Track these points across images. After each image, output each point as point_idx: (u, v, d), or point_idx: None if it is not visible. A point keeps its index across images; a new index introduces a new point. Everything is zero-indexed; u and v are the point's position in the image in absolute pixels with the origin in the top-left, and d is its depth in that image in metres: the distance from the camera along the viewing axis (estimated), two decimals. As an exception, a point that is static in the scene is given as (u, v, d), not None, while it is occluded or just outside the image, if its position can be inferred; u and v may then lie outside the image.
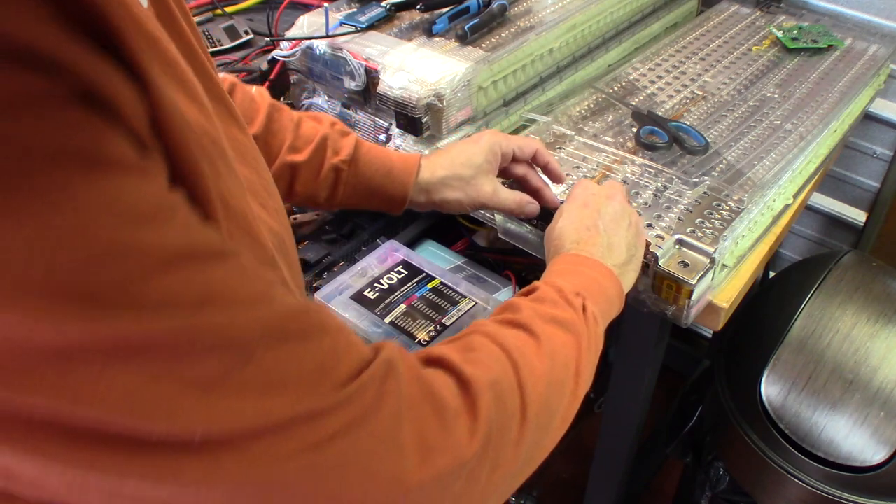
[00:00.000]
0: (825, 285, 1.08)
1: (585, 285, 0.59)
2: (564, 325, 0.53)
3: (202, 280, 0.31)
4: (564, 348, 0.52)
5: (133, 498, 0.31)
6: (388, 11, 0.97)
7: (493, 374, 0.45)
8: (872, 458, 0.93)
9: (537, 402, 0.48)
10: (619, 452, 1.13)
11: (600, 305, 0.58)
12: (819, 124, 0.96)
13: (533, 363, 0.49)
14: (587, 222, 0.65)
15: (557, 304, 0.55)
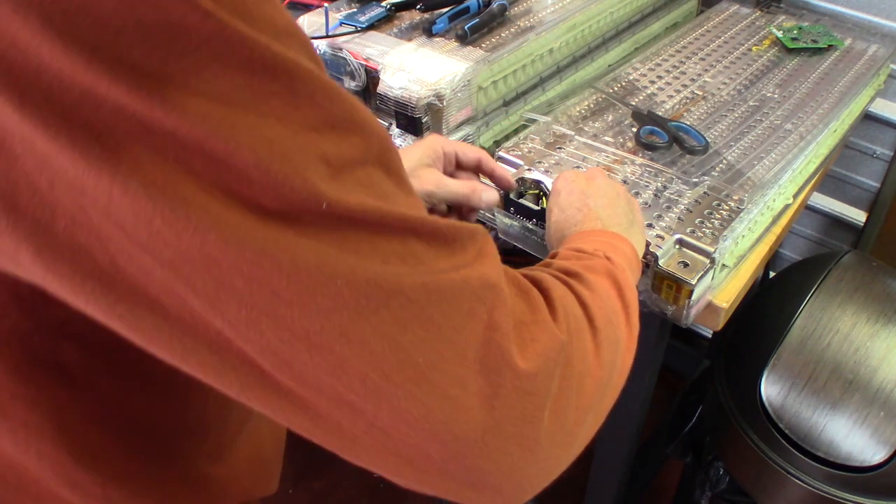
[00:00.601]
0: (825, 285, 1.08)
1: (603, 247, 0.58)
2: (596, 270, 0.53)
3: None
4: (605, 286, 0.52)
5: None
6: (388, 11, 0.97)
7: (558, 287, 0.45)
8: (872, 458, 0.93)
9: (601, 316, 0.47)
10: (619, 452, 1.13)
11: (621, 259, 0.58)
12: (819, 124, 0.96)
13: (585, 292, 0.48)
14: (577, 205, 0.65)
15: (582, 258, 0.55)
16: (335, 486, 1.69)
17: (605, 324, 0.48)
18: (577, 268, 0.52)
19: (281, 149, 0.30)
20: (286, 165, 0.30)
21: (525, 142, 0.90)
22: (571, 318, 0.44)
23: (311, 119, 0.31)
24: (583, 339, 0.44)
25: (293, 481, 1.69)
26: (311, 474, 1.71)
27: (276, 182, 0.30)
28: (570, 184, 0.68)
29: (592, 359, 0.45)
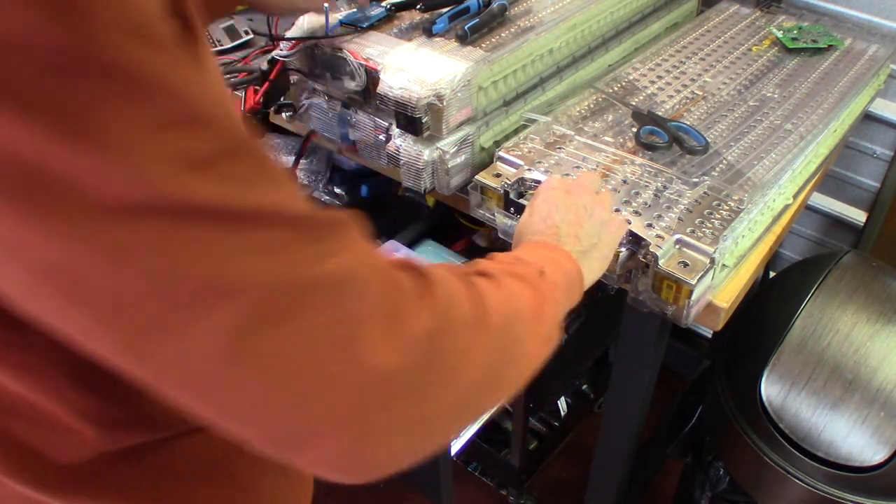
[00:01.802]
0: (825, 285, 1.08)
1: (543, 260, 0.60)
2: (521, 277, 0.54)
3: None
4: (522, 293, 0.52)
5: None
6: (388, 11, 0.97)
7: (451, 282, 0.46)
8: (872, 458, 0.93)
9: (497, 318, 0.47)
10: (619, 452, 1.13)
11: (561, 285, 0.59)
12: (819, 124, 0.96)
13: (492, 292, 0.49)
14: (544, 215, 0.67)
15: (515, 265, 0.56)
16: (335, 486, 1.68)
17: (502, 326, 0.48)
18: (495, 271, 0.53)
19: (125, 149, 0.30)
20: (130, 166, 0.30)
21: (525, 142, 0.90)
22: (455, 312, 0.44)
23: (155, 118, 0.31)
24: (463, 336, 0.44)
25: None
26: (311, 474, 1.71)
27: (122, 182, 0.30)
28: (549, 191, 0.70)
29: (474, 358, 0.44)
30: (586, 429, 1.77)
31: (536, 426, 1.67)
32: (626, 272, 0.78)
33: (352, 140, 0.98)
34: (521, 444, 1.47)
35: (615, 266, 0.77)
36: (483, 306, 0.46)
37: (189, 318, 0.33)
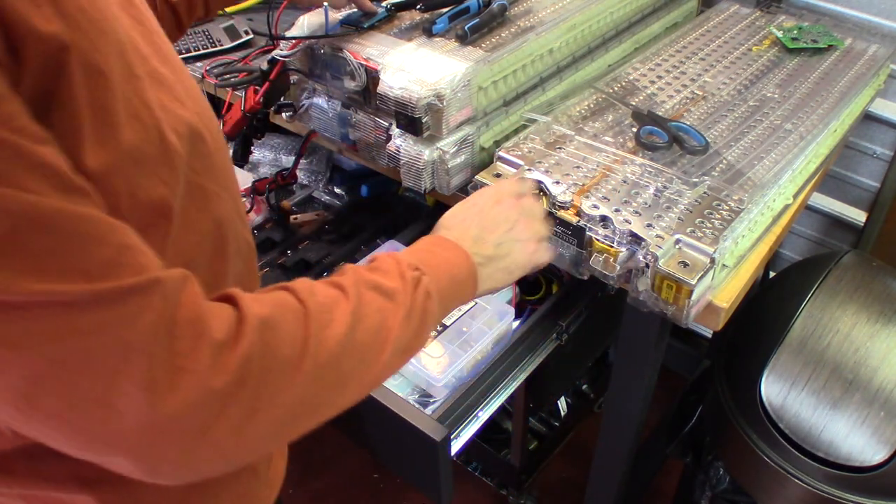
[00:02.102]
0: (825, 285, 1.08)
1: (431, 263, 0.61)
2: (386, 293, 0.56)
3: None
4: (377, 314, 0.54)
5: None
6: (388, 11, 0.97)
7: (273, 319, 0.48)
8: (872, 458, 0.93)
9: (323, 357, 0.50)
10: (619, 452, 1.13)
11: (442, 283, 0.61)
12: (819, 124, 0.96)
13: (331, 320, 0.51)
14: (463, 216, 0.69)
15: (388, 274, 0.58)
16: (335, 486, 1.69)
17: (326, 365, 0.50)
18: (360, 290, 0.55)
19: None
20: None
21: (525, 142, 0.90)
22: (262, 355, 0.46)
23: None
24: (269, 379, 0.47)
25: (293, 481, 1.69)
26: (311, 474, 1.71)
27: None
28: (480, 195, 0.72)
29: (275, 396, 0.47)
30: (586, 429, 1.77)
31: (536, 426, 1.67)
32: (626, 272, 0.78)
33: (352, 140, 0.98)
34: (521, 444, 1.47)
35: (615, 266, 0.77)
36: (304, 346, 0.49)
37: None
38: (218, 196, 0.56)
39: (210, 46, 1.25)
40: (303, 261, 1.12)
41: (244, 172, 1.27)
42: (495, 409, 0.91)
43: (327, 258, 1.13)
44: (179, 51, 1.23)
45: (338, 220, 1.21)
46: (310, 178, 1.34)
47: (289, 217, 1.20)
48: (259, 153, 1.39)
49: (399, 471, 1.07)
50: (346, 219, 1.22)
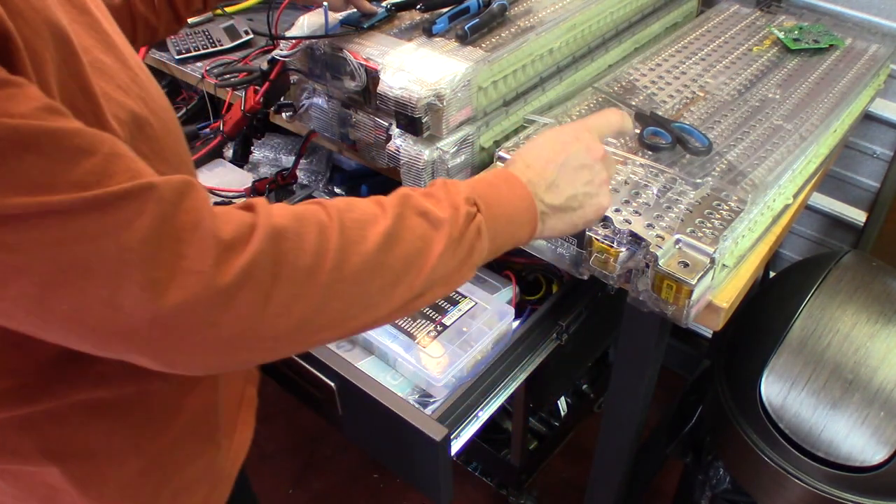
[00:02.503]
0: (825, 285, 1.08)
1: (492, 200, 0.59)
2: (433, 221, 0.55)
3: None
4: (419, 240, 0.54)
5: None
6: (388, 11, 0.97)
7: (292, 229, 0.49)
8: (872, 458, 0.93)
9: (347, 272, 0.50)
10: (619, 452, 1.13)
11: (498, 223, 0.59)
12: (819, 124, 0.96)
13: (363, 238, 0.51)
14: (548, 155, 0.65)
15: (440, 203, 0.56)
16: (335, 487, 1.69)
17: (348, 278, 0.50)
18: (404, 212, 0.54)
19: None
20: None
21: (525, 142, 0.90)
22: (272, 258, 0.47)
23: None
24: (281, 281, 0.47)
25: (293, 481, 1.69)
26: (310, 474, 1.71)
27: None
28: (571, 135, 0.67)
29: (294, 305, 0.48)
30: (586, 429, 1.77)
31: (536, 426, 1.67)
32: (626, 272, 0.78)
33: (352, 140, 0.98)
34: (521, 444, 1.47)
35: (615, 266, 0.77)
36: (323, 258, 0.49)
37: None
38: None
39: (210, 46, 1.25)
40: (303, 261, 1.12)
41: (244, 172, 1.27)
42: (495, 409, 0.91)
43: (327, 258, 1.13)
44: (179, 51, 1.23)
45: (338, 220, 1.21)
46: (310, 178, 1.33)
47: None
48: (259, 153, 1.39)
49: (399, 471, 1.07)
50: (346, 219, 1.22)
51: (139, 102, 0.55)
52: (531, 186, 0.62)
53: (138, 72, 0.58)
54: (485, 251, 0.59)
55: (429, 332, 0.94)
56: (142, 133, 0.54)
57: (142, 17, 0.82)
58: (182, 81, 1.34)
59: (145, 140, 0.55)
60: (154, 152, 0.55)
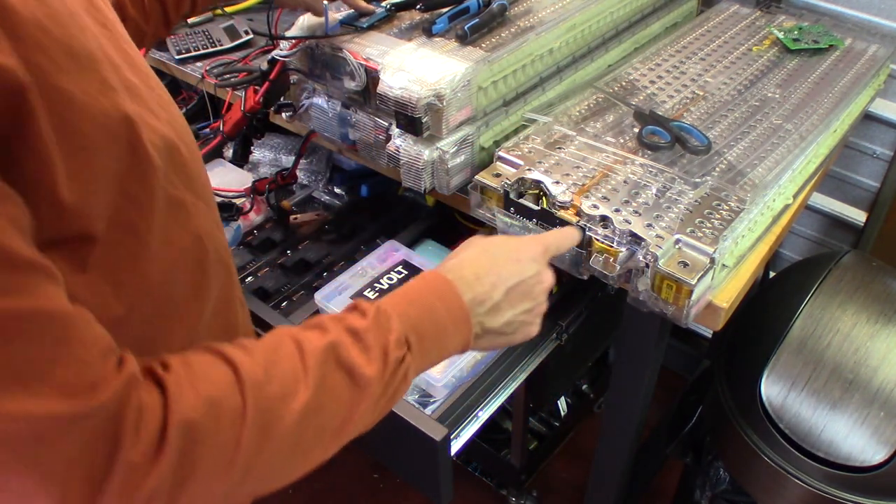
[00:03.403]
0: (825, 285, 1.08)
1: (425, 329, 0.56)
2: (358, 381, 0.52)
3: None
4: (339, 406, 0.51)
5: None
6: (388, 11, 0.97)
7: (202, 428, 0.45)
8: (872, 458, 0.93)
9: (258, 463, 0.47)
10: (619, 452, 1.13)
11: (428, 354, 0.57)
12: (819, 124, 0.96)
13: (278, 419, 0.48)
14: (500, 272, 0.61)
15: (370, 353, 0.52)
16: (335, 487, 1.69)
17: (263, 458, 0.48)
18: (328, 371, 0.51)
19: None
20: None
21: (525, 142, 0.90)
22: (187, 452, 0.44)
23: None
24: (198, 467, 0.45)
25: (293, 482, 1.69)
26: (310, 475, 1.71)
27: None
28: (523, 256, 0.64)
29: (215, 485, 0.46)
30: (586, 429, 1.77)
31: (536, 426, 1.67)
32: (626, 272, 0.78)
33: (352, 140, 0.98)
34: (521, 444, 1.47)
35: (615, 266, 0.77)
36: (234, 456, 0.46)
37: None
38: (196, 208, 0.54)
39: (210, 46, 1.25)
40: (303, 261, 1.12)
41: (244, 172, 1.27)
42: (495, 409, 0.91)
43: (327, 258, 1.13)
44: (179, 51, 1.23)
45: (338, 220, 1.21)
46: (310, 178, 1.34)
47: (289, 217, 1.20)
48: (259, 153, 1.39)
49: (399, 471, 1.07)
50: (346, 219, 1.22)
51: (168, 126, 0.51)
52: (472, 305, 0.59)
53: (160, 90, 0.54)
54: (407, 387, 0.57)
55: (429, 332, 0.94)
56: (172, 160, 0.51)
57: (132, 21, 0.79)
58: (182, 81, 1.34)
59: (176, 168, 0.51)
60: (183, 181, 0.52)
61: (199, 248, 0.55)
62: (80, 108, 0.42)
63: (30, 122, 0.39)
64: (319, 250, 1.14)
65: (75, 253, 0.44)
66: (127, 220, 0.47)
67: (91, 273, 0.45)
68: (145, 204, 0.48)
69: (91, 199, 0.43)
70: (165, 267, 0.51)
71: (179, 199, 0.52)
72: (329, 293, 0.97)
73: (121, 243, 0.47)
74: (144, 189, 0.48)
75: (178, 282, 0.53)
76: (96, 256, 0.45)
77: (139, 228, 0.48)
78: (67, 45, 0.42)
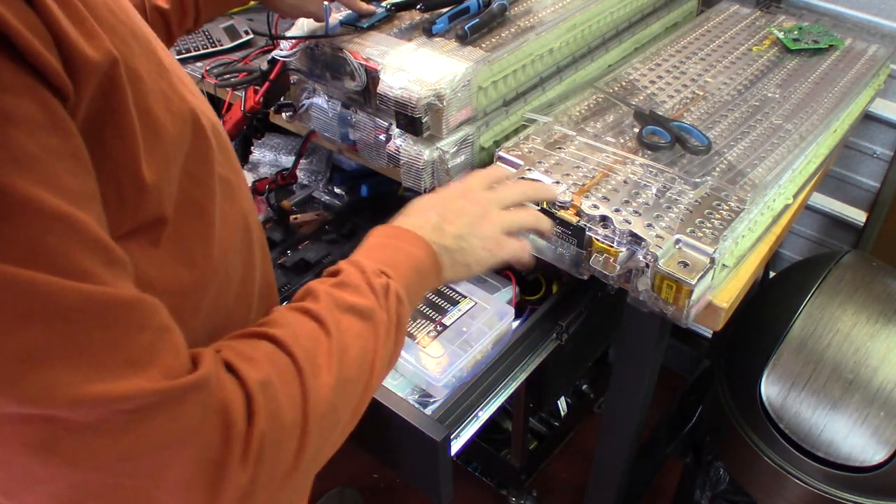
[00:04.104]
0: (825, 285, 1.08)
1: (394, 261, 0.59)
2: (362, 313, 0.54)
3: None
4: (359, 340, 0.53)
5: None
6: (388, 11, 0.97)
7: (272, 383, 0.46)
8: (872, 458, 0.93)
9: (322, 407, 0.48)
10: (619, 452, 1.13)
11: (408, 278, 0.59)
12: (819, 124, 0.96)
13: (320, 366, 0.49)
14: (425, 204, 0.67)
15: (359, 290, 0.55)
16: (335, 487, 1.69)
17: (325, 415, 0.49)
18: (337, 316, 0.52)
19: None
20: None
21: (525, 142, 0.90)
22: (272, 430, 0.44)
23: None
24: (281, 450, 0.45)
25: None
26: (311, 474, 1.71)
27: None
28: (444, 189, 0.69)
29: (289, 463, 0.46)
30: (586, 429, 1.77)
31: (536, 426, 1.67)
32: (626, 272, 0.78)
33: (352, 140, 0.98)
34: (521, 444, 1.47)
35: (615, 266, 0.77)
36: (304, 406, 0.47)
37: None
38: (240, 187, 0.56)
39: (210, 46, 1.25)
40: (303, 261, 1.12)
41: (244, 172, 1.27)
42: (495, 409, 0.91)
43: (327, 258, 1.13)
44: (179, 51, 1.23)
45: (338, 220, 1.21)
46: (310, 178, 1.33)
47: (289, 217, 1.19)
48: (259, 153, 1.39)
49: (399, 471, 1.07)
50: (346, 219, 1.22)
51: (206, 106, 0.52)
52: (418, 230, 0.62)
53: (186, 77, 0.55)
54: (408, 313, 0.59)
55: (429, 332, 0.94)
56: (218, 140, 0.52)
57: None
58: (182, 81, 1.34)
59: (221, 148, 0.52)
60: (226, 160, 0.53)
61: (246, 227, 0.57)
62: (149, 88, 0.43)
63: (120, 102, 0.40)
64: (319, 250, 1.14)
65: (150, 237, 0.44)
66: (193, 200, 0.48)
67: (163, 253, 0.45)
68: (207, 184, 0.49)
69: (164, 180, 0.44)
70: (225, 246, 0.52)
71: (227, 177, 0.53)
72: (329, 293, 0.97)
73: (190, 224, 0.47)
74: (205, 169, 0.49)
75: (235, 261, 0.54)
76: (167, 238, 0.45)
77: (205, 208, 0.49)
78: (131, 27, 0.43)
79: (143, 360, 0.39)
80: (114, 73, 0.39)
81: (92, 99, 0.38)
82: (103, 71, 0.38)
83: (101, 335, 0.37)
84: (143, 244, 0.43)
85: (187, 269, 0.47)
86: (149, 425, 0.39)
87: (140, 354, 0.39)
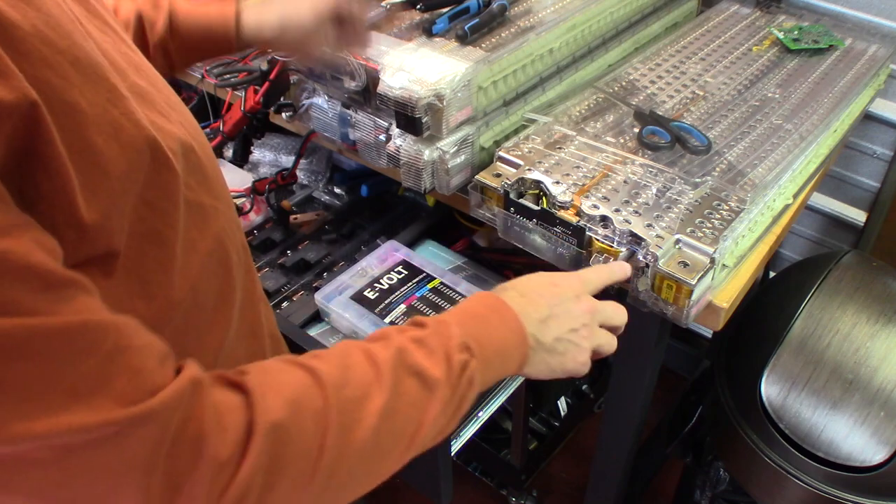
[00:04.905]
0: (825, 285, 1.08)
1: (484, 338, 0.56)
2: (427, 383, 0.51)
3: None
4: (411, 409, 0.51)
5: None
6: (388, 11, 0.97)
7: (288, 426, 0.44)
8: (872, 458, 0.93)
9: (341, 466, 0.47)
10: (619, 452, 1.13)
11: (490, 361, 0.56)
12: (819, 124, 0.96)
13: (358, 420, 0.47)
14: (540, 290, 0.63)
15: (434, 356, 0.53)
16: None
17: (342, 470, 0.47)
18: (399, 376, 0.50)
19: None
20: None
21: (525, 142, 0.90)
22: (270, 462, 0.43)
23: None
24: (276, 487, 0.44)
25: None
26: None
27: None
28: (566, 285, 0.65)
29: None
30: (586, 429, 1.77)
31: (536, 426, 1.67)
32: (627, 272, 0.78)
33: (352, 140, 0.98)
34: (521, 444, 1.47)
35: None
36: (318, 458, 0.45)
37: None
38: (215, 210, 0.53)
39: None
40: (303, 261, 1.12)
41: (244, 172, 1.27)
42: (495, 409, 0.91)
43: (327, 258, 1.13)
44: (179, 51, 1.23)
45: (338, 220, 1.21)
46: (310, 178, 1.33)
47: (289, 217, 1.19)
48: (259, 153, 1.39)
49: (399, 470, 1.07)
50: (346, 219, 1.22)
51: (181, 128, 0.50)
52: (523, 318, 0.59)
53: (168, 91, 0.53)
54: (474, 398, 0.56)
55: (429, 332, 0.94)
56: (189, 163, 0.49)
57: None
58: (182, 81, 1.34)
59: (192, 171, 0.50)
60: (200, 183, 0.51)
61: (222, 252, 0.54)
62: (91, 121, 0.41)
63: (44, 142, 0.38)
64: (319, 250, 1.14)
65: (102, 269, 0.43)
66: (152, 229, 0.46)
67: (115, 284, 0.43)
68: (168, 212, 0.47)
69: (112, 214, 0.42)
70: (192, 274, 0.50)
71: (198, 202, 0.51)
72: (329, 293, 0.97)
73: (148, 253, 0.46)
74: (166, 196, 0.47)
75: (205, 289, 0.52)
76: (121, 268, 0.44)
77: (165, 237, 0.47)
78: (72, 55, 0.41)
79: (86, 389, 0.37)
80: (34, 114, 0.37)
81: (10, 139, 0.36)
82: (20, 113, 0.36)
83: (26, 368, 0.36)
84: (95, 275, 0.42)
85: (144, 301, 0.46)
86: (89, 455, 0.37)
87: (83, 383, 0.37)
